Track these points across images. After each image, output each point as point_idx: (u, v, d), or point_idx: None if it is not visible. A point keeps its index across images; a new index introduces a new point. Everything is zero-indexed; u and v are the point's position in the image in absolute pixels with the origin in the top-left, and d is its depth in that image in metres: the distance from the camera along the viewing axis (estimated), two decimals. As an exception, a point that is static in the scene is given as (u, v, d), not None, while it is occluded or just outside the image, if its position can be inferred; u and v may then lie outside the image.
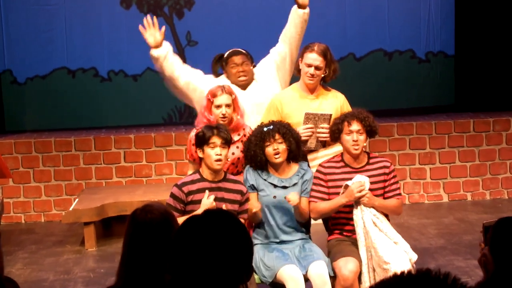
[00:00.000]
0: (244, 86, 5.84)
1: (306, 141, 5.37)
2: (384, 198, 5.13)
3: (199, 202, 4.91)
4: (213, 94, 5.36)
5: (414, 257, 4.96)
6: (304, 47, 5.52)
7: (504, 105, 8.96)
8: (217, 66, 5.97)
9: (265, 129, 5.10)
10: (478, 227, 7.18)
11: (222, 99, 5.34)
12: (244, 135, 5.34)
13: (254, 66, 5.91)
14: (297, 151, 5.16)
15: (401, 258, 4.86)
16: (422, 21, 9.13)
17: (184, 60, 8.51)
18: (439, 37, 9.17)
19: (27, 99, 8.81)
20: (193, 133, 5.41)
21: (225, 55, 5.86)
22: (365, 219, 4.95)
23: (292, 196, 4.99)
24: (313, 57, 5.41)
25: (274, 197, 5.11)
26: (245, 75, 5.80)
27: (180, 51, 8.88)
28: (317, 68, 5.40)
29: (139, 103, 8.86)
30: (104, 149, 8.22)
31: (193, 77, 5.85)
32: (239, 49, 5.90)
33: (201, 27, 8.96)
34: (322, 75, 5.46)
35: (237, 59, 5.81)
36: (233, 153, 5.36)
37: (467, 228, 7.40)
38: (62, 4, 8.78)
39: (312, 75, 5.41)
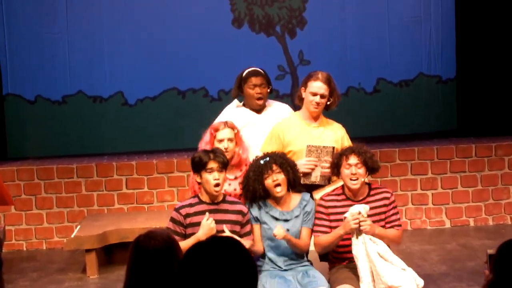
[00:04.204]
0: (259, 110, 5.87)
1: (310, 174, 5.37)
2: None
3: (197, 224, 4.94)
4: (215, 129, 5.44)
5: (421, 282, 4.97)
6: (307, 76, 5.55)
7: (506, 130, 8.95)
8: (237, 90, 5.99)
9: (261, 161, 5.13)
10: (481, 253, 7.19)
11: (224, 133, 5.39)
12: None
13: (270, 89, 5.94)
14: (295, 180, 5.18)
15: (409, 283, 4.88)
16: (422, 47, 9.16)
17: (297, 79, 8.71)
18: (439, 62, 9.19)
19: (31, 126, 8.80)
20: None
21: (244, 74, 5.89)
22: (369, 251, 4.93)
23: (278, 231, 4.99)
24: (318, 86, 5.43)
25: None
26: (262, 99, 5.86)
27: (292, 70, 8.93)
28: (322, 96, 5.43)
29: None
30: (106, 176, 8.21)
31: None
32: (259, 70, 5.93)
33: (314, 46, 8.98)
34: (327, 103, 5.50)
35: (256, 80, 5.84)
36: (234, 189, 5.38)
37: (470, 254, 7.36)
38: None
39: (318, 104, 5.44)
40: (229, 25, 8.97)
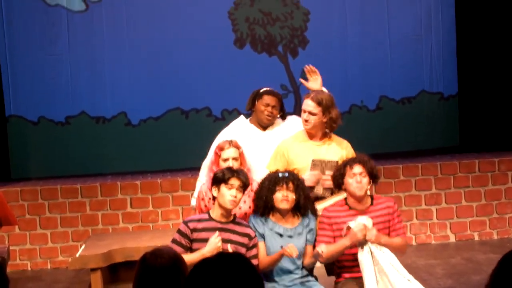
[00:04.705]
0: (264, 128, 5.92)
1: (313, 187, 5.40)
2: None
3: (203, 240, 4.94)
4: (220, 148, 5.44)
5: None
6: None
7: (509, 145, 8.97)
8: (250, 105, 6.00)
9: (280, 174, 5.15)
10: (486, 267, 7.19)
11: (229, 152, 5.40)
12: (252, 190, 5.33)
13: (282, 115, 5.98)
14: (305, 207, 5.19)
15: None
16: (424, 64, 9.18)
17: (299, 98, 8.78)
18: (441, 79, 9.22)
19: (34, 147, 8.81)
20: (203, 187, 5.43)
21: (261, 91, 5.93)
22: (379, 260, 4.95)
23: (292, 249, 4.98)
24: (307, 103, 5.53)
25: (281, 247, 5.11)
26: (271, 118, 5.90)
27: (295, 89, 8.98)
28: (310, 113, 5.48)
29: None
30: (110, 195, 8.21)
31: None
32: (277, 92, 5.98)
33: (316, 65, 8.89)
34: (320, 121, 5.52)
35: (271, 100, 5.88)
36: (240, 208, 5.37)
37: (475, 268, 7.36)
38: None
39: (306, 120, 5.50)
40: (231, 45, 9.00)
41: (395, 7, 9.09)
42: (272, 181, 5.14)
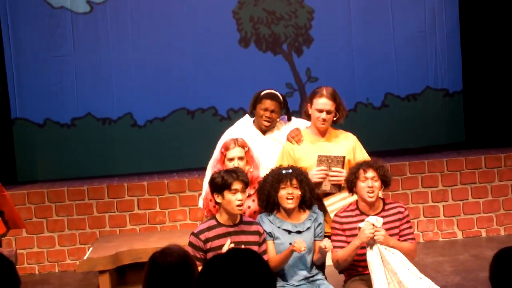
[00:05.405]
0: (264, 131, 5.85)
1: (320, 183, 5.38)
2: None
3: (218, 248, 4.88)
4: (225, 147, 5.38)
5: None
6: (312, 93, 5.56)
7: (515, 141, 8.97)
8: (251, 108, 5.88)
9: (283, 171, 5.13)
10: (494, 263, 7.17)
11: (235, 152, 5.34)
12: None
13: (289, 117, 5.87)
14: (310, 200, 5.19)
15: None
16: (429, 61, 9.17)
17: (305, 96, 8.69)
18: (446, 76, 9.21)
19: (41, 149, 8.81)
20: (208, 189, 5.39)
21: (261, 94, 5.78)
22: (389, 259, 4.95)
23: (328, 243, 4.99)
24: (323, 102, 5.44)
25: (290, 243, 5.10)
26: (269, 122, 5.76)
27: (300, 87, 8.98)
28: (328, 112, 5.45)
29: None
30: (117, 197, 8.22)
31: None
32: (277, 95, 5.79)
33: (321, 63, 9.02)
34: (334, 118, 5.52)
35: (270, 104, 5.72)
36: (249, 207, 5.34)
37: (483, 265, 7.35)
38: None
39: (324, 120, 5.45)
40: (236, 45, 9.00)
41: (400, 4, 9.08)
42: (276, 178, 5.12)
